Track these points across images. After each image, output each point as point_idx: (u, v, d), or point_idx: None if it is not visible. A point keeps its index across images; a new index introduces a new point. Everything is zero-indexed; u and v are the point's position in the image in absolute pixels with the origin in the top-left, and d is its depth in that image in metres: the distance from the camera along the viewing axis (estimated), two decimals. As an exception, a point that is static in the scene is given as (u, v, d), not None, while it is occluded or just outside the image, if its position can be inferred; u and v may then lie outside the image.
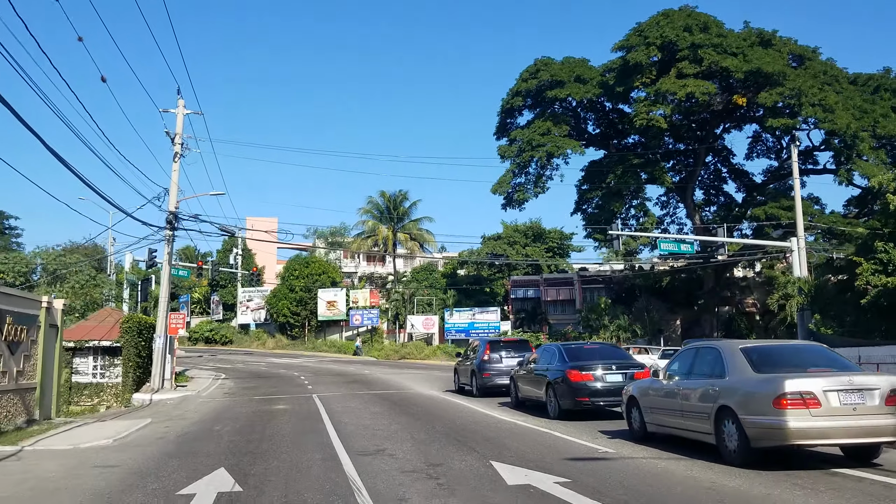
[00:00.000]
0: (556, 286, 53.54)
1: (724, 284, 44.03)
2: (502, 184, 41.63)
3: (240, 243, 59.48)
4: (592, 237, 42.39)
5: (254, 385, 26.79)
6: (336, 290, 53.83)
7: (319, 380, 28.48)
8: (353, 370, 34.60)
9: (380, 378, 28.89)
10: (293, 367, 36.64)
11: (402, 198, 56.00)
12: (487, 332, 47.58)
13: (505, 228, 64.93)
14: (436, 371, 34.21)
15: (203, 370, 35.27)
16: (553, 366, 14.29)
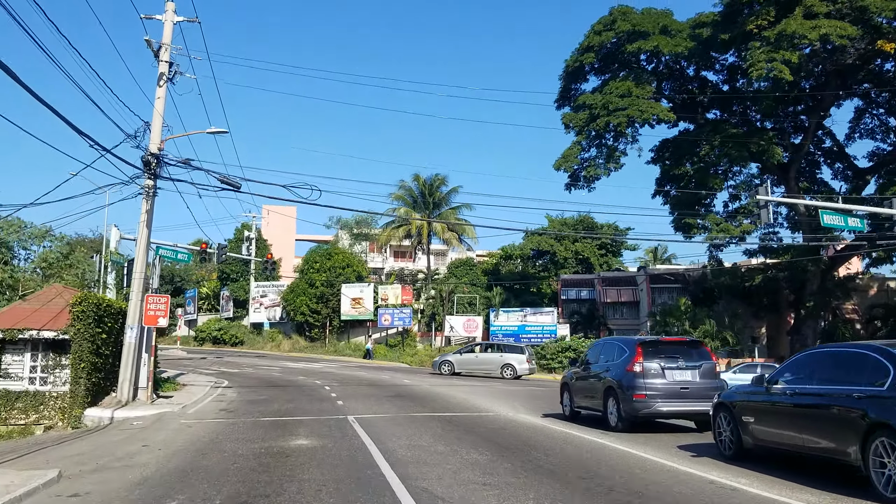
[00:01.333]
0: (617, 286, 46.17)
1: (832, 285, 36.41)
2: (568, 158, 34.45)
3: (254, 230, 52.73)
4: (682, 222, 34.94)
5: (264, 397, 19.80)
6: (362, 285, 46.86)
7: (350, 392, 21.43)
8: (388, 378, 27.54)
9: (430, 391, 21.79)
10: (313, 374, 29.65)
11: (439, 182, 49.01)
12: (542, 337, 40.33)
13: (550, 222, 57.79)
14: (495, 383, 27.01)
15: (202, 375, 28.36)
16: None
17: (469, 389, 22.90)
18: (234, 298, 53.65)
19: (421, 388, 22.92)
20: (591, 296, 47.84)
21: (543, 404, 17.51)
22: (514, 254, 52.76)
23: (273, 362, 37.57)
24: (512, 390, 23.53)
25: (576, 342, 38.35)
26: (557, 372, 37.66)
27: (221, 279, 56.02)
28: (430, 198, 48.77)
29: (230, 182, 17.53)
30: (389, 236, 49.23)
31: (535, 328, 40.61)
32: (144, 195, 17.39)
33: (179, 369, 30.63)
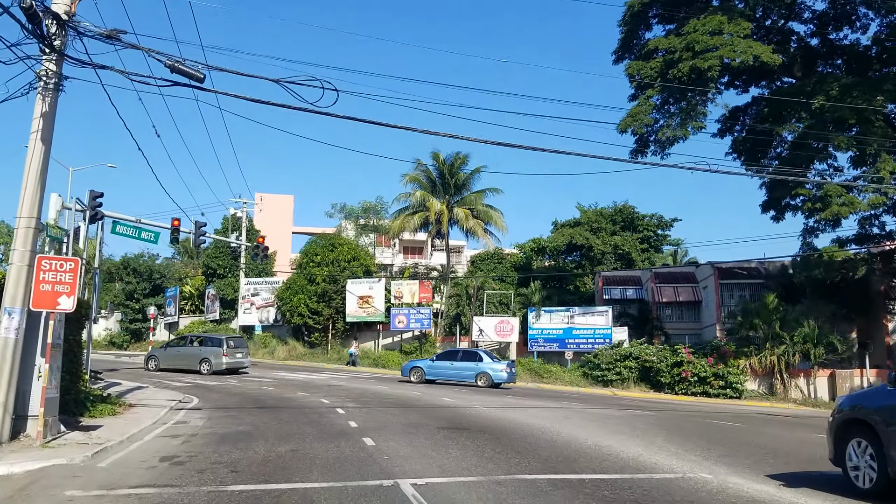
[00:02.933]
0: (673, 283, 38.97)
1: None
2: (637, 117, 27.30)
3: (244, 219, 45.43)
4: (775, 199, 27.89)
5: (245, 428, 12.62)
6: (371, 281, 39.58)
7: (377, 419, 14.19)
8: (419, 395, 20.30)
9: (495, 417, 14.62)
10: (317, 388, 22.40)
11: (460, 162, 41.80)
12: (593, 342, 33.12)
13: (583, 213, 50.62)
14: (573, 402, 19.79)
15: (167, 390, 21.06)
16: None
17: (547, 412, 15.68)
18: (222, 298, 46.27)
19: (477, 413, 15.69)
20: (638, 295, 40.69)
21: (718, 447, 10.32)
22: (549, 246, 45.49)
23: (265, 372, 30.22)
24: (615, 415, 16.30)
25: (637, 348, 31.22)
26: (615, 385, 30.51)
27: (207, 276, 48.62)
28: (451, 179, 41.58)
29: (186, 70, 10.32)
30: (403, 224, 41.93)
31: (584, 331, 33.39)
32: (40, 89, 10.15)
33: (140, 382, 23.37)
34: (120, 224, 24.41)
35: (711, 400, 28.00)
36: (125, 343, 49.00)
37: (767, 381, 29.74)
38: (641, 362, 30.56)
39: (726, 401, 28.09)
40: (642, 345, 31.79)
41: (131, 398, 17.88)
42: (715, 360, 29.31)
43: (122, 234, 24.70)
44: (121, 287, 50.92)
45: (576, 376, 31.77)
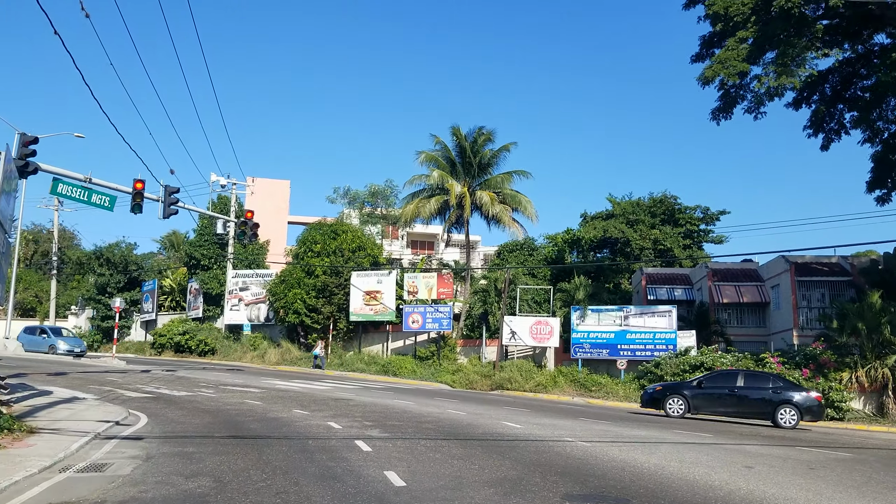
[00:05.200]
0: (735, 281, 33.25)
1: None
2: (727, 63, 21.58)
3: (233, 203, 39.53)
4: None
5: (201, 489, 6.67)
6: (380, 273, 33.70)
7: (429, 465, 8.33)
8: (465, 417, 14.43)
9: (640, 465, 8.69)
10: (319, 403, 16.55)
11: (484, 138, 35.94)
12: (653, 349, 27.32)
13: (615, 205, 44.99)
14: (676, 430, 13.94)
15: (111, 403, 15.15)
16: None
17: (705, 457, 9.83)
18: (206, 292, 40.34)
19: (594, 455, 9.82)
20: (687, 295, 34.99)
21: None
22: (585, 238, 39.64)
23: (251, 380, 24.28)
24: (775, 454, 10.44)
25: (710, 357, 25.46)
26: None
27: (190, 267, 42.66)
28: (474, 158, 35.75)
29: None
30: (417, 209, 36.00)
31: (642, 336, 27.58)
32: None
33: (84, 391, 17.50)
34: (63, 182, 18.61)
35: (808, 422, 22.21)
36: (96, 343, 42.98)
37: (876, 398, 23.95)
38: (718, 374, 24.75)
39: (826, 423, 22.32)
40: (717, 352, 26.00)
41: (46, 416, 12.01)
42: (811, 373, 23.58)
43: (65, 195, 18.95)
44: (93, 280, 44.90)
45: (631, 390, 26.01)
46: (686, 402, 19.52)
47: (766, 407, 18.77)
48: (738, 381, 19.71)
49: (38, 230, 58.97)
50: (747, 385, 19.49)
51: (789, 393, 18.83)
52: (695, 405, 19.48)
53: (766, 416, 18.74)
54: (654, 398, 20.12)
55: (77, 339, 36.36)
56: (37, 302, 49.69)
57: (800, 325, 29.73)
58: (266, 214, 44.88)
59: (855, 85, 29.64)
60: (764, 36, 21.71)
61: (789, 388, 19.17)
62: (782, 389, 19.02)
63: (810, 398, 18.84)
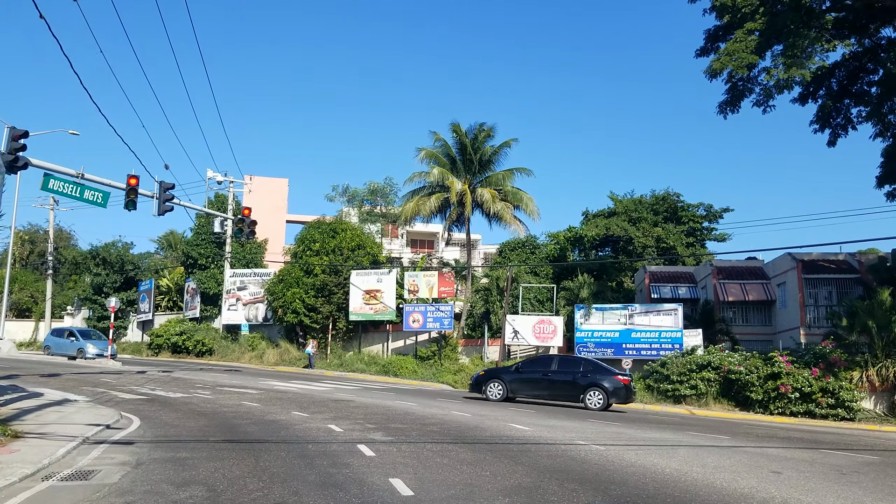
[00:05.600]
0: (740, 279, 32.76)
1: None
2: (736, 55, 21.09)
3: (230, 200, 38.98)
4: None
5: (193, 499, 6.17)
6: (380, 272, 33.16)
7: (436, 470, 7.84)
8: (471, 419, 13.92)
9: (647, 468, 8.20)
10: (318, 404, 16.04)
11: (484, 135, 35.41)
12: (659, 348, 26.83)
13: (617, 203, 44.54)
14: (689, 429, 13.44)
15: (104, 405, 14.61)
16: None
17: (713, 457, 9.32)
18: (203, 292, 39.78)
19: (601, 458, 9.32)
20: (691, 294, 34.54)
21: None
22: (587, 236, 39.12)
23: (249, 381, 23.75)
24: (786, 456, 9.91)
25: (718, 356, 24.94)
26: (690, 402, 24.27)
27: (187, 267, 42.10)
28: (475, 155, 35.23)
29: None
30: (417, 207, 35.44)
31: (648, 335, 27.09)
32: None
33: (76, 392, 16.98)
34: (55, 178, 18.06)
35: (819, 422, 21.79)
36: (91, 344, 42.26)
37: (888, 398, 23.46)
38: (723, 373, 24.32)
39: (837, 423, 21.90)
40: (723, 351, 25.50)
41: (33, 420, 11.49)
42: (821, 372, 23.07)
43: (57, 191, 18.37)
44: (89, 280, 44.33)
45: (637, 390, 25.45)
46: (504, 386, 20.16)
47: (576, 390, 19.58)
48: (552, 366, 20.64)
49: (34, 230, 58.35)
50: (560, 369, 20.32)
51: (598, 377, 19.65)
52: (512, 389, 20.15)
53: (575, 399, 19.56)
54: (478, 383, 20.69)
55: (106, 342, 34.53)
56: (32, 302, 49.07)
57: (807, 324, 29.26)
58: (264, 213, 44.41)
59: (862, 79, 29.16)
60: (773, 27, 21.20)
61: (599, 373, 19.93)
62: (592, 373, 19.84)
63: (617, 382, 19.55)
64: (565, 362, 21.01)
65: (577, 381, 19.65)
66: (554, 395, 20.06)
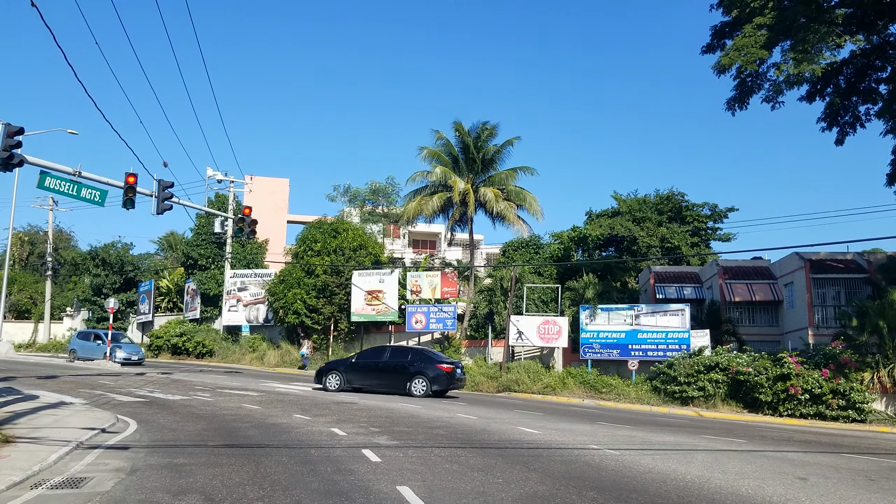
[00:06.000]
0: (747, 279, 32.38)
1: None
2: (745, 49, 20.72)
3: (231, 201, 38.63)
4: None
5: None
6: (382, 272, 32.79)
7: (445, 477, 7.42)
8: (476, 422, 13.52)
9: (668, 474, 7.80)
10: (320, 406, 15.68)
11: (487, 133, 35.07)
12: (665, 349, 26.42)
13: (621, 203, 44.18)
14: (700, 432, 13.02)
15: (101, 408, 14.23)
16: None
17: (733, 463, 8.92)
18: (203, 293, 39.41)
19: (619, 464, 8.92)
20: (697, 294, 34.19)
21: None
22: (592, 236, 38.74)
23: (250, 383, 23.37)
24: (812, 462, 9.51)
25: (726, 357, 24.52)
26: (697, 403, 23.85)
27: (187, 268, 41.75)
28: (478, 154, 34.87)
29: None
30: (419, 207, 35.06)
31: (654, 335, 26.66)
32: None
33: (73, 395, 16.63)
34: (51, 176, 17.75)
35: (830, 424, 21.40)
36: (91, 345, 41.89)
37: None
38: (732, 375, 23.90)
39: (848, 425, 21.51)
40: (731, 352, 25.09)
41: (26, 424, 11.12)
42: (831, 373, 22.66)
43: (53, 189, 18.05)
44: (89, 281, 43.97)
45: (643, 391, 25.11)
46: (341, 377, 21.05)
47: (403, 378, 20.46)
48: (384, 357, 21.56)
49: (33, 231, 58.00)
50: (390, 359, 21.27)
51: (423, 366, 20.51)
52: (348, 379, 21.00)
53: (403, 387, 20.34)
54: (319, 374, 21.58)
55: (135, 346, 33.77)
56: (31, 304, 48.72)
57: (815, 324, 28.86)
58: (265, 213, 44.11)
59: (870, 77, 28.80)
60: (782, 22, 20.83)
61: (423, 362, 20.74)
62: (418, 363, 20.69)
63: (439, 370, 20.40)
64: (395, 353, 21.84)
65: (404, 371, 20.53)
66: (384, 384, 20.77)
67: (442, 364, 20.69)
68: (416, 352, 21.58)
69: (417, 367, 20.46)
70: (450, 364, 20.99)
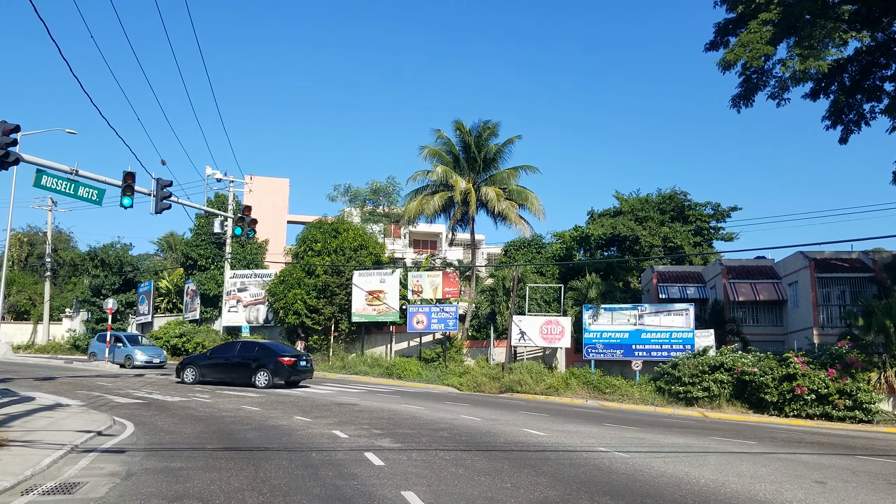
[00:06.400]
0: (751, 279, 32.09)
1: None
2: (751, 46, 20.46)
3: (231, 200, 38.37)
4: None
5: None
6: (383, 272, 32.52)
7: (450, 481, 7.14)
8: (481, 424, 13.28)
9: (686, 478, 7.53)
10: (321, 408, 15.43)
11: (488, 132, 34.82)
12: (670, 349, 26.16)
13: (622, 202, 43.94)
14: (709, 433, 12.77)
15: (97, 411, 13.98)
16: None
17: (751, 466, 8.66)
18: (203, 294, 39.14)
19: (633, 467, 8.66)
20: (700, 294, 33.90)
21: None
22: (594, 235, 38.48)
23: (250, 384, 23.07)
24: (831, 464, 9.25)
25: (731, 357, 24.26)
26: (702, 404, 23.61)
27: (186, 268, 41.47)
28: (479, 153, 34.63)
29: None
30: (420, 206, 34.80)
31: (658, 335, 26.40)
32: None
33: (70, 396, 16.38)
34: (47, 175, 17.50)
35: (836, 425, 21.16)
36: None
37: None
38: (737, 375, 23.64)
39: (855, 426, 21.28)
40: (736, 352, 24.83)
41: (20, 426, 10.86)
42: (837, 373, 22.40)
43: (50, 188, 17.79)
44: (88, 282, 43.70)
45: (647, 392, 24.86)
46: (197, 371, 22.56)
47: (249, 371, 21.91)
48: (234, 352, 23.04)
49: (33, 232, 57.70)
50: (239, 354, 22.70)
51: (265, 359, 21.98)
52: (202, 373, 22.46)
53: (249, 379, 21.79)
54: (178, 370, 23.10)
55: (156, 349, 33.10)
56: (30, 305, 48.45)
57: (820, 324, 28.58)
58: (265, 213, 43.90)
59: (874, 74, 28.56)
60: (787, 18, 20.56)
61: (267, 356, 22.15)
62: (262, 357, 22.15)
63: (280, 363, 21.81)
64: (244, 347, 23.23)
65: (249, 364, 21.99)
66: (233, 377, 22.14)
67: (283, 357, 22.05)
68: (262, 346, 23.06)
69: (261, 360, 21.95)
70: (291, 357, 22.30)
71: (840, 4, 22.11)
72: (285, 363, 21.78)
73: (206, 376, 22.43)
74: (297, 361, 22.28)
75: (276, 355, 22.08)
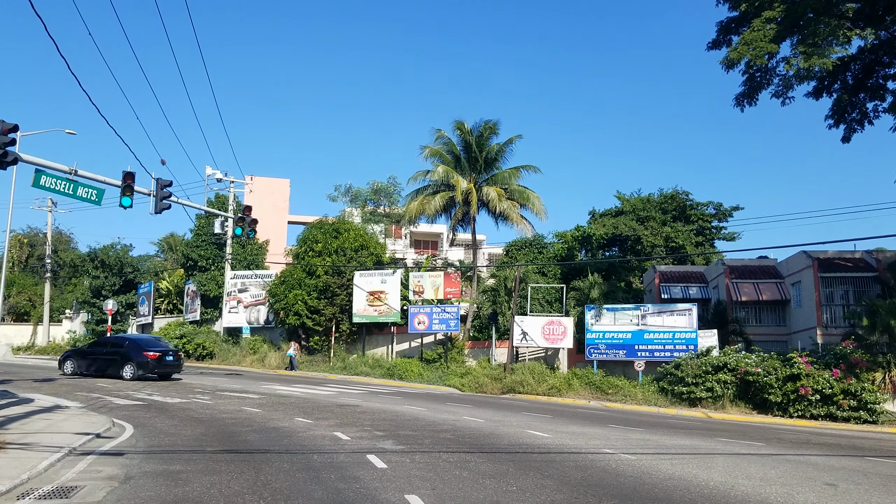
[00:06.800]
0: (754, 279, 31.93)
1: None
2: (754, 44, 20.32)
3: (231, 201, 38.23)
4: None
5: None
6: (384, 273, 32.38)
7: (455, 484, 6.99)
8: (483, 425, 13.13)
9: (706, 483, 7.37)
10: (323, 409, 15.28)
11: (489, 132, 34.68)
12: (673, 350, 26.01)
13: (624, 202, 43.80)
14: (717, 434, 12.62)
15: (96, 412, 13.84)
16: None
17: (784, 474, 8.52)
18: (203, 294, 39.01)
19: (642, 470, 8.53)
20: (702, 294, 33.75)
21: None
22: (596, 235, 38.33)
23: (250, 385, 22.99)
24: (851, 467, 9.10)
25: (734, 357, 24.12)
26: (705, 405, 23.46)
27: (187, 269, 41.33)
28: (480, 153, 34.49)
29: None
30: (422, 206, 34.66)
31: (661, 336, 26.25)
32: None
33: (70, 398, 16.26)
34: (46, 174, 17.36)
35: (841, 425, 21.01)
36: (90, 348, 41.53)
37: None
38: (740, 375, 23.50)
39: (860, 426, 21.12)
40: (739, 352, 24.68)
41: (18, 428, 10.72)
42: (842, 373, 22.25)
43: (49, 188, 17.64)
44: (88, 283, 43.58)
45: (650, 392, 24.72)
46: (75, 363, 24.70)
47: (118, 365, 23.60)
48: (107, 346, 24.81)
49: (33, 233, 57.58)
50: (111, 349, 24.40)
51: (133, 354, 23.68)
52: (79, 365, 24.54)
53: (118, 372, 23.48)
54: (60, 362, 25.24)
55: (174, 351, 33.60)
56: (31, 306, 48.34)
57: (823, 324, 28.42)
58: (265, 213, 43.79)
59: (877, 73, 28.43)
60: (791, 16, 20.43)
61: (134, 350, 23.83)
62: (130, 351, 23.82)
63: (145, 357, 23.46)
64: (116, 342, 25.02)
65: (119, 358, 23.69)
66: (105, 370, 23.87)
67: (149, 352, 23.57)
68: (132, 341, 24.83)
69: (129, 355, 23.65)
70: (157, 351, 23.77)
71: (844, 2, 22.00)
72: (150, 357, 23.45)
73: (82, 368, 24.47)
74: (163, 356, 23.82)
75: (143, 350, 23.70)
